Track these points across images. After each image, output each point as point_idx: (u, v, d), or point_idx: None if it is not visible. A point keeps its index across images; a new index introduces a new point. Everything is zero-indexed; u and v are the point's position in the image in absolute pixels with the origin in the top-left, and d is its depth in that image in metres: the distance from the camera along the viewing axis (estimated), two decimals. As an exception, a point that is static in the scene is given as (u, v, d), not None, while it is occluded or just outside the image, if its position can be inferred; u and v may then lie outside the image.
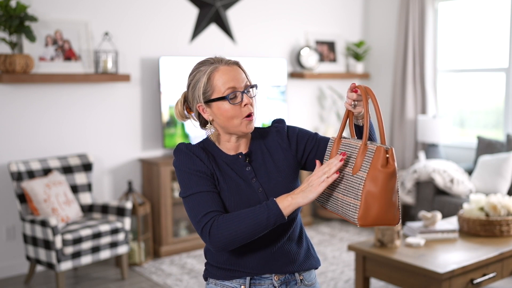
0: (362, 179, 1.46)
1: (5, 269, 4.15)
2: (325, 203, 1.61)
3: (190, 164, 1.60)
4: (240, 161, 1.65)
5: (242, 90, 1.60)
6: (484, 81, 5.39)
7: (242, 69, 1.64)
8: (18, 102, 4.17)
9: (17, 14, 3.87)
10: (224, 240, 1.51)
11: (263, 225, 1.50)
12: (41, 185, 3.81)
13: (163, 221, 4.53)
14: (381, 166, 1.44)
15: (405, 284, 3.02)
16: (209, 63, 1.61)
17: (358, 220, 1.45)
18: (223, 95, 1.58)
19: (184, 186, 1.60)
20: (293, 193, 1.52)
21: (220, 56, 1.64)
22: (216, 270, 1.67)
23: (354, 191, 1.47)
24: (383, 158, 1.45)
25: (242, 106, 1.59)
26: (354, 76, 5.94)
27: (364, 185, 1.44)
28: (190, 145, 1.65)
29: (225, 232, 1.50)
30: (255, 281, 1.65)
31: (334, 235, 5.14)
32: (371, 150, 1.48)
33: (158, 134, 4.80)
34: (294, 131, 1.73)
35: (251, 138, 1.71)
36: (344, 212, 1.51)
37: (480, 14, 5.33)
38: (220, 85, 1.58)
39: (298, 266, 1.68)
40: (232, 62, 1.63)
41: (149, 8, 4.75)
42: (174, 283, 3.98)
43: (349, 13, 6.07)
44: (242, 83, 1.60)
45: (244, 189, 1.62)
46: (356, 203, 1.46)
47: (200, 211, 1.55)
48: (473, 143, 5.31)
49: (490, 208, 3.41)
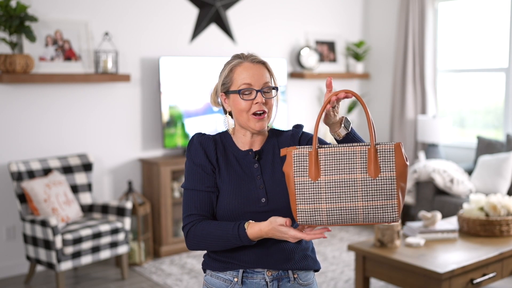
0: (392, 178, 1.47)
1: (5, 269, 4.16)
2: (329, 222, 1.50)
3: (194, 157, 1.70)
4: (249, 158, 1.71)
5: (258, 89, 1.66)
6: (484, 81, 5.40)
7: (268, 69, 1.71)
8: (18, 102, 4.17)
9: (17, 14, 3.87)
10: (196, 247, 1.68)
11: (232, 246, 1.63)
12: (41, 185, 3.81)
13: (163, 221, 4.54)
14: (405, 160, 1.49)
15: (405, 284, 3.02)
16: (237, 58, 1.71)
17: (399, 217, 1.48)
18: (238, 89, 1.67)
19: (186, 177, 1.72)
20: (265, 233, 1.57)
21: (251, 54, 1.72)
22: (212, 261, 1.72)
23: (385, 192, 1.47)
24: (403, 153, 1.50)
25: (254, 103, 1.66)
26: (354, 76, 5.94)
27: (396, 183, 1.47)
28: (202, 136, 1.73)
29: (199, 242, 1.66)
30: (247, 274, 1.69)
31: (334, 235, 5.14)
32: (387, 149, 1.49)
33: (158, 134, 4.81)
34: (307, 137, 1.76)
35: (267, 137, 1.76)
36: (372, 217, 1.48)
37: (480, 14, 5.34)
38: (238, 79, 1.67)
39: (293, 265, 1.69)
40: (258, 61, 1.70)
41: (149, 8, 4.75)
42: (174, 283, 3.99)
43: (349, 13, 6.07)
44: (261, 81, 1.67)
45: (246, 184, 1.67)
46: (393, 202, 1.47)
47: (187, 209, 1.68)
48: (473, 143, 5.31)
49: (490, 208, 3.41)
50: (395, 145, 1.49)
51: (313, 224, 1.50)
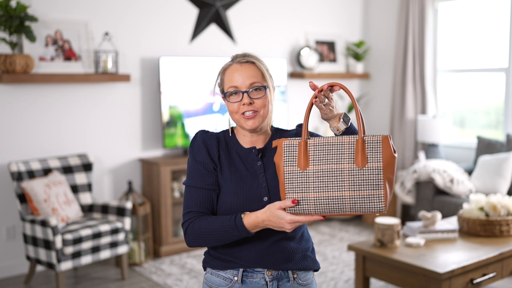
0: (378, 168, 1.49)
1: (5, 269, 4.16)
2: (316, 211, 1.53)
3: (196, 154, 1.71)
4: (252, 155, 1.71)
5: (244, 90, 1.66)
6: (484, 81, 5.40)
7: (258, 68, 1.69)
8: (18, 102, 4.17)
9: (17, 14, 3.87)
10: (195, 244, 1.67)
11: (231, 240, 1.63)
12: (41, 185, 3.81)
13: (163, 221, 4.54)
14: (393, 152, 1.50)
15: (405, 284, 3.02)
16: (230, 60, 1.73)
17: (385, 208, 1.50)
18: (226, 91, 1.70)
19: (187, 174, 1.73)
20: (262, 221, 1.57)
21: (244, 53, 1.72)
22: (213, 259, 1.72)
23: (372, 182, 1.49)
24: (391, 145, 1.51)
25: (242, 105, 1.66)
26: (354, 76, 5.94)
27: (383, 174, 1.49)
28: (205, 134, 1.74)
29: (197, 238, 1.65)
30: (247, 273, 1.69)
31: (334, 235, 5.14)
32: (375, 140, 1.51)
33: (158, 134, 4.81)
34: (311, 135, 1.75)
35: (270, 135, 1.76)
36: (359, 207, 1.50)
37: (480, 14, 5.34)
38: (227, 82, 1.70)
39: (293, 265, 1.69)
40: (246, 61, 1.69)
41: (149, 8, 4.75)
42: (174, 283, 3.99)
43: (349, 13, 6.07)
44: (247, 82, 1.67)
45: (248, 182, 1.67)
46: (379, 192, 1.49)
47: (187, 205, 1.69)
48: (473, 143, 5.31)
49: (490, 208, 3.41)
50: (382, 136, 1.51)
51: (301, 213, 1.54)
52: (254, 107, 1.66)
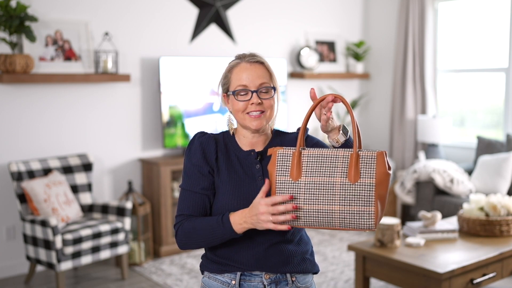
0: (371, 185, 1.47)
1: (5, 269, 4.16)
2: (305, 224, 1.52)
3: (192, 156, 1.70)
4: (251, 158, 1.69)
5: (253, 89, 1.66)
6: (484, 81, 5.40)
7: (267, 68, 1.70)
8: (18, 102, 4.17)
9: (17, 14, 3.87)
10: (184, 245, 1.68)
11: (219, 240, 1.62)
12: (41, 185, 3.81)
13: (163, 221, 4.54)
14: (387, 169, 1.48)
15: (405, 284, 3.02)
16: (237, 58, 1.71)
17: (375, 225, 1.47)
18: (234, 90, 1.67)
19: (183, 177, 1.73)
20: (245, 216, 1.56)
21: (252, 53, 1.71)
22: (210, 263, 1.71)
23: (363, 198, 1.47)
24: (386, 162, 1.49)
25: (250, 104, 1.66)
26: (354, 76, 5.94)
27: (375, 190, 1.47)
28: (203, 136, 1.73)
29: (186, 239, 1.66)
30: (245, 277, 1.67)
31: (334, 235, 5.14)
32: (369, 156, 1.49)
33: (158, 134, 4.81)
34: (311, 141, 1.75)
35: (270, 138, 1.74)
36: (348, 223, 1.48)
37: (480, 14, 5.34)
38: (235, 80, 1.68)
39: (291, 268, 1.67)
40: (255, 61, 1.69)
41: (149, 8, 4.75)
42: (174, 283, 3.99)
43: (349, 13, 6.07)
44: (257, 82, 1.66)
45: (246, 185, 1.65)
46: (370, 209, 1.47)
47: (180, 208, 1.69)
48: (473, 143, 5.31)
49: (490, 208, 3.41)
50: (377, 152, 1.49)
51: (290, 225, 1.52)
52: (262, 107, 1.66)
